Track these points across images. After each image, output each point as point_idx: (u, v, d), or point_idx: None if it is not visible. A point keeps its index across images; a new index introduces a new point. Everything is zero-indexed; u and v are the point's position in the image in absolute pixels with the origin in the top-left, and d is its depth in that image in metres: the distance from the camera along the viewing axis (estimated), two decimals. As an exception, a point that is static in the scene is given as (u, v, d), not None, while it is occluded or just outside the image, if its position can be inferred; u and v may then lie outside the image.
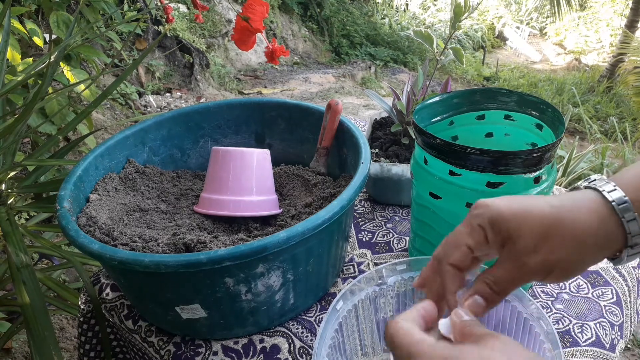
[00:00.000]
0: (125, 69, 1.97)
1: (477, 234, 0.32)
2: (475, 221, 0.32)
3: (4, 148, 0.82)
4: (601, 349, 0.56)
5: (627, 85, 3.84)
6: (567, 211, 0.30)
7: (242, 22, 0.66)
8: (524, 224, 0.30)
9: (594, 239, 0.29)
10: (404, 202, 0.80)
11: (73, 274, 1.49)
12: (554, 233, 0.30)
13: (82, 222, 0.57)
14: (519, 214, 0.31)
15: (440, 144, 0.51)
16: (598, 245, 0.30)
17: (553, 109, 0.57)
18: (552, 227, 0.30)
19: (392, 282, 0.50)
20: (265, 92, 3.60)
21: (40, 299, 0.66)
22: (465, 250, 0.32)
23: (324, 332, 0.45)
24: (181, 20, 3.33)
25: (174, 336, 0.59)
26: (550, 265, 0.30)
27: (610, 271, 0.65)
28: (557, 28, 6.73)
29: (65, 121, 1.22)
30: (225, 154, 0.64)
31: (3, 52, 0.87)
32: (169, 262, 0.46)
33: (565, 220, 0.30)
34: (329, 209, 0.51)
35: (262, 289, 0.52)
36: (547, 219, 0.30)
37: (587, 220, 0.29)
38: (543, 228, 0.30)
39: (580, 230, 0.29)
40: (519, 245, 0.30)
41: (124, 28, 1.82)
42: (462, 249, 0.32)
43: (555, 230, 0.30)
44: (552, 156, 0.51)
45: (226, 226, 0.63)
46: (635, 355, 1.50)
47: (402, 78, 4.43)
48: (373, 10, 5.57)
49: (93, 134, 1.20)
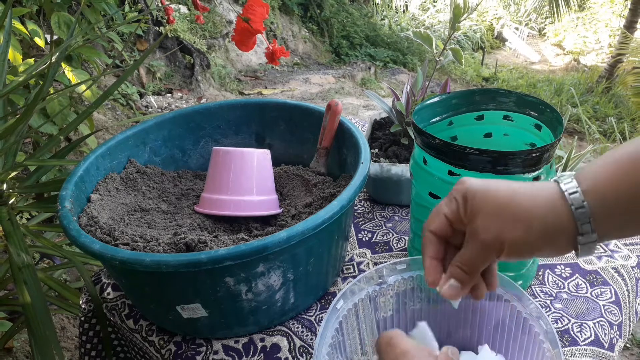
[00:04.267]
0: (126, 70, 1.98)
1: (453, 204, 0.35)
2: (453, 194, 0.35)
3: (6, 148, 0.82)
4: (600, 348, 0.56)
5: (625, 85, 3.84)
6: (521, 194, 0.32)
7: (243, 23, 0.66)
8: (483, 202, 0.33)
9: (542, 223, 0.31)
10: (403, 202, 0.80)
11: (74, 274, 1.49)
12: (506, 212, 0.32)
13: (84, 222, 0.57)
14: (481, 192, 0.33)
15: (440, 144, 0.52)
16: (547, 230, 0.31)
17: (552, 110, 0.57)
18: (505, 206, 0.32)
19: (392, 281, 0.50)
20: (266, 92, 3.61)
21: (42, 298, 0.66)
22: (443, 219, 0.35)
23: (324, 331, 0.45)
24: (182, 21, 3.33)
25: (174, 335, 0.59)
26: (501, 242, 0.32)
27: (609, 271, 0.66)
28: (556, 29, 6.74)
29: (66, 121, 1.22)
30: (225, 154, 0.64)
31: (4, 53, 0.87)
32: (170, 262, 0.46)
33: (518, 202, 0.32)
34: (329, 209, 0.51)
35: (263, 288, 0.52)
36: (502, 199, 0.32)
37: (539, 205, 0.32)
38: (497, 206, 0.32)
39: (529, 213, 0.32)
40: (477, 221, 0.33)
41: (125, 29, 1.82)
42: (440, 217, 0.36)
43: (506, 210, 0.32)
44: (550, 156, 0.51)
45: (227, 226, 0.64)
46: (634, 355, 1.50)
47: (402, 79, 4.44)
48: (373, 11, 5.58)
49: (94, 134, 1.21)
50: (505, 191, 0.33)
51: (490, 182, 0.34)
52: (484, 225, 0.33)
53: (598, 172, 0.31)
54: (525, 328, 0.47)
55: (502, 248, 0.33)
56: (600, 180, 0.31)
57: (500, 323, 0.50)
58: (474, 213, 0.33)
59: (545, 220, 0.31)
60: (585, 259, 0.68)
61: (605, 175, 0.31)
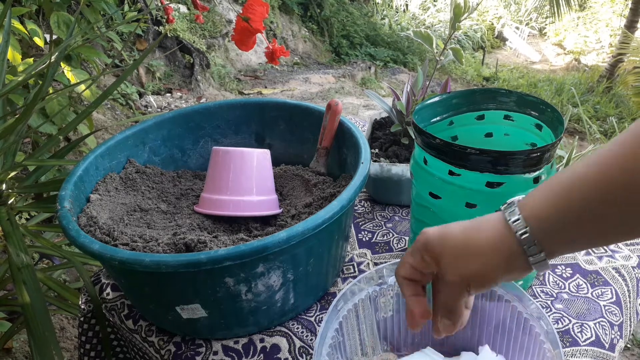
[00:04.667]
0: (125, 70, 1.97)
1: (417, 256, 0.39)
2: (415, 246, 0.39)
3: (5, 148, 0.82)
4: (601, 348, 0.56)
5: (626, 85, 3.84)
6: (474, 233, 0.36)
7: (242, 22, 0.66)
8: (443, 249, 0.37)
9: (497, 254, 0.35)
10: (403, 202, 0.80)
11: (73, 274, 1.49)
12: (463, 252, 0.36)
13: (83, 222, 0.57)
14: (439, 240, 0.37)
15: (440, 144, 0.51)
16: (503, 258, 0.35)
17: (552, 109, 0.57)
18: (461, 247, 0.36)
19: (393, 281, 0.50)
20: (266, 92, 3.60)
21: (41, 298, 0.66)
22: (409, 268, 0.39)
23: (324, 331, 0.45)
24: (181, 21, 3.33)
25: (174, 336, 0.59)
26: (466, 279, 0.36)
27: (610, 271, 0.66)
28: (556, 28, 6.73)
29: (65, 121, 1.22)
30: (225, 154, 0.64)
31: (4, 53, 0.87)
32: (170, 262, 0.46)
33: (471, 241, 0.35)
34: (329, 209, 0.51)
35: (263, 288, 0.52)
36: (458, 242, 0.36)
37: (488, 237, 0.35)
38: (456, 250, 0.36)
39: (481, 247, 0.35)
40: (442, 266, 0.37)
41: (124, 28, 1.82)
42: (407, 266, 0.39)
43: (462, 250, 0.36)
44: (551, 156, 0.51)
45: (226, 226, 0.63)
46: (635, 355, 1.50)
47: (402, 78, 4.43)
48: (373, 10, 5.57)
49: (93, 134, 1.21)
50: (458, 233, 0.36)
51: (446, 228, 0.37)
52: (447, 269, 0.36)
53: (537, 196, 0.34)
54: (526, 328, 0.47)
55: (468, 284, 0.36)
56: (537, 206, 0.34)
57: (501, 323, 0.50)
58: (437, 260, 0.37)
59: (497, 251, 0.35)
60: (586, 259, 0.68)
61: (543, 200, 0.34)
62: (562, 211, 0.32)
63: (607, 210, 0.31)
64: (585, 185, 0.32)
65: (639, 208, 0.30)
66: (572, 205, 0.32)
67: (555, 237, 0.33)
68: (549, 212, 0.33)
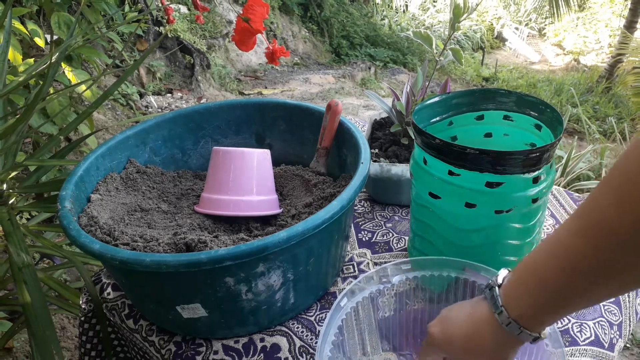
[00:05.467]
0: (126, 70, 1.98)
1: (435, 353, 0.45)
2: (430, 347, 0.45)
3: (6, 148, 0.82)
4: (600, 348, 0.56)
5: (625, 85, 3.84)
6: (476, 340, 0.41)
7: (243, 23, 0.66)
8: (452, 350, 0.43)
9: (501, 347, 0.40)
10: (403, 202, 0.80)
11: (74, 274, 1.49)
12: (472, 353, 0.41)
13: (84, 222, 0.57)
14: (448, 347, 0.43)
15: (440, 144, 0.52)
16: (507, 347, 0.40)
17: (552, 109, 0.57)
18: (469, 350, 0.41)
19: (396, 281, 0.50)
20: (266, 92, 3.61)
21: (42, 298, 0.66)
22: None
23: (326, 330, 0.45)
24: (182, 21, 3.33)
25: (174, 335, 0.59)
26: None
27: (609, 271, 0.66)
28: (556, 29, 6.74)
29: (66, 121, 1.22)
30: (225, 154, 0.64)
31: (4, 53, 0.87)
32: (170, 262, 0.46)
33: (476, 347, 0.41)
34: (329, 209, 0.51)
35: (263, 288, 0.52)
36: (464, 345, 0.41)
37: (490, 341, 0.40)
38: (464, 352, 0.42)
39: (489, 349, 0.40)
40: None
41: (125, 29, 1.82)
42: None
43: (472, 352, 0.41)
44: (550, 156, 0.51)
45: (227, 226, 0.63)
46: (634, 355, 1.50)
47: (402, 79, 4.44)
48: (373, 11, 5.58)
49: (94, 134, 1.21)
50: (461, 343, 0.42)
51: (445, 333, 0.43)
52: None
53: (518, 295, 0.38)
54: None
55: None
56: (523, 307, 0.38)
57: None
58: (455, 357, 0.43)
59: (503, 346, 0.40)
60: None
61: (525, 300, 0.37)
62: (542, 305, 0.36)
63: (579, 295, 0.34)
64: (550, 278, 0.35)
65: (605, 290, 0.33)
66: (548, 299, 0.36)
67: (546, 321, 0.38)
68: (532, 307, 0.37)
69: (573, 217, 0.34)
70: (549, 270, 0.35)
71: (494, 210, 0.53)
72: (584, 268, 0.32)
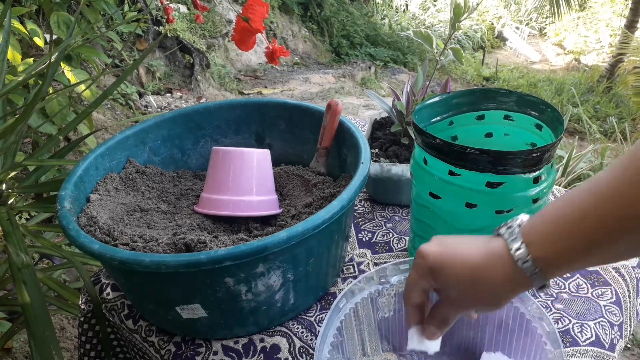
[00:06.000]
0: (125, 69, 1.97)
1: (426, 279, 0.41)
2: (421, 270, 0.41)
3: (5, 148, 0.82)
4: (601, 348, 0.56)
5: (626, 85, 3.84)
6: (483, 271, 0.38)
7: (242, 22, 0.66)
8: (454, 279, 0.39)
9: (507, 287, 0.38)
10: (403, 202, 0.80)
11: (73, 274, 1.49)
12: (478, 287, 0.38)
13: (83, 222, 0.57)
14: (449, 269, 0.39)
15: (440, 144, 0.51)
16: (511, 289, 0.38)
17: (552, 109, 0.57)
18: (472, 284, 0.38)
19: (395, 281, 0.50)
20: (266, 92, 3.60)
21: (41, 298, 0.66)
22: (421, 293, 0.42)
23: (325, 331, 0.45)
24: (181, 21, 3.33)
25: (174, 336, 0.59)
26: (476, 306, 0.40)
27: (610, 271, 0.66)
28: (556, 28, 6.74)
29: (65, 121, 1.22)
30: (225, 154, 0.64)
31: (4, 53, 0.87)
32: (170, 262, 0.46)
33: (481, 279, 0.38)
34: (329, 209, 0.51)
35: (262, 288, 0.52)
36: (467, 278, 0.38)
37: (500, 276, 0.37)
38: (469, 284, 0.38)
39: (494, 285, 0.38)
40: (452, 292, 0.40)
41: (124, 28, 1.82)
42: (419, 292, 0.42)
43: (475, 287, 0.38)
44: (551, 156, 0.51)
45: (226, 226, 0.63)
46: (635, 355, 1.50)
47: (402, 78, 4.44)
48: (373, 10, 5.58)
49: (93, 134, 1.21)
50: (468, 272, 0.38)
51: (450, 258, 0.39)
52: (457, 297, 0.40)
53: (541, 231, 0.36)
54: (528, 329, 0.47)
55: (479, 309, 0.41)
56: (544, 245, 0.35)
57: (503, 324, 0.50)
58: (446, 286, 0.40)
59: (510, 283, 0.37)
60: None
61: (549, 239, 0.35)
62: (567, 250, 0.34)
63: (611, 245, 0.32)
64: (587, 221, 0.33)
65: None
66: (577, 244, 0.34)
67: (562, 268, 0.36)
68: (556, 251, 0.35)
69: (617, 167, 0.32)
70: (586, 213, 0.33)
71: (495, 211, 0.53)
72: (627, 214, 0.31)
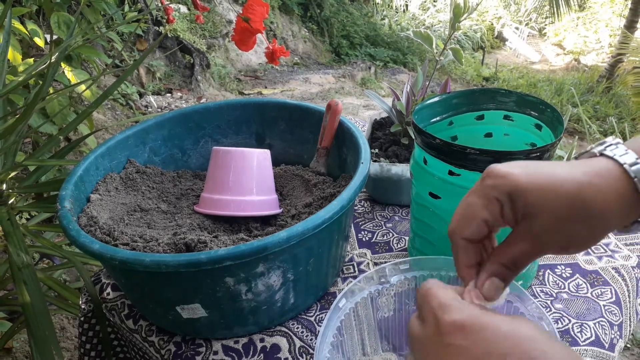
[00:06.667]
0: (126, 70, 1.98)
1: (494, 207, 0.30)
2: (492, 193, 0.30)
3: (5, 148, 0.82)
4: (600, 348, 0.56)
5: (626, 85, 3.84)
6: (593, 191, 0.28)
7: (243, 22, 0.66)
8: (546, 203, 0.28)
9: (615, 215, 0.29)
10: (403, 202, 0.80)
11: (74, 274, 1.49)
12: (579, 215, 0.28)
13: (83, 222, 0.57)
14: (540, 190, 0.29)
15: (440, 144, 0.51)
16: (617, 220, 0.29)
17: (552, 109, 0.57)
18: (576, 208, 0.28)
19: (395, 281, 0.50)
20: (266, 92, 3.61)
21: (41, 298, 0.66)
22: (481, 224, 0.31)
23: (325, 331, 0.45)
24: (182, 21, 3.33)
25: (174, 335, 0.59)
26: (568, 244, 0.30)
27: (610, 271, 0.66)
28: (556, 28, 6.73)
29: (66, 121, 1.22)
30: (225, 154, 0.64)
31: (4, 53, 0.87)
32: (170, 262, 0.46)
33: (590, 202, 0.28)
34: (329, 209, 0.51)
35: (263, 288, 0.52)
36: (571, 199, 0.28)
37: (611, 199, 0.28)
38: (566, 209, 0.28)
39: (603, 210, 0.28)
40: (539, 223, 0.29)
41: (124, 29, 1.82)
42: (477, 222, 0.31)
43: (579, 213, 0.28)
44: (551, 156, 0.51)
45: (226, 226, 0.63)
46: (635, 355, 1.50)
47: (402, 78, 4.44)
48: (373, 11, 5.58)
49: (94, 134, 1.21)
50: (572, 189, 0.28)
51: (544, 174, 0.29)
52: (549, 229, 0.29)
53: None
54: (527, 329, 0.47)
55: (567, 248, 0.30)
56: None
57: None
58: (531, 214, 0.29)
59: (619, 211, 0.29)
60: (586, 259, 0.68)
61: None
62: None
63: None
64: None
65: None
66: None
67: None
68: None
69: None
70: None
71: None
72: None
